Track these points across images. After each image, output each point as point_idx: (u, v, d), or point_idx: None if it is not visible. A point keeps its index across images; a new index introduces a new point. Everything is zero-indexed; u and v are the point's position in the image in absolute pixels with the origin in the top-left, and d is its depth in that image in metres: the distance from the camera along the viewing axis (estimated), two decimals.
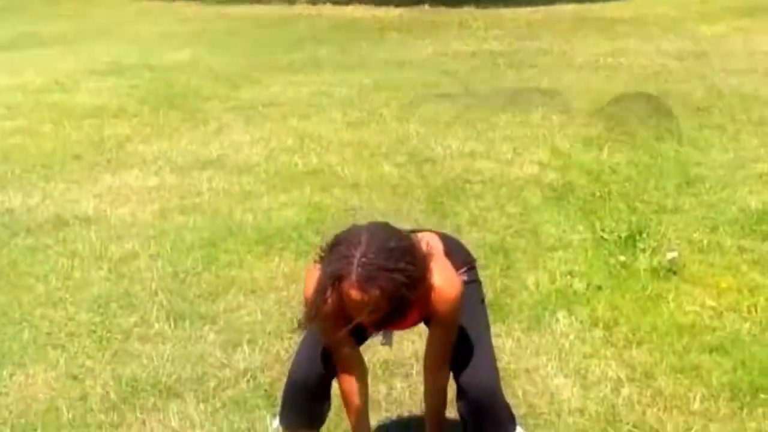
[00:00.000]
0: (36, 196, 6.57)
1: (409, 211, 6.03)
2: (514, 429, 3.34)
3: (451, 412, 3.34)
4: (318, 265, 2.85)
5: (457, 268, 3.12)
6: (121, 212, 6.22)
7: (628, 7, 15.03)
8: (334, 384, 3.23)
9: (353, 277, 2.68)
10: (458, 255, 3.23)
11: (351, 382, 3.14)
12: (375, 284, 2.69)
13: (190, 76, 10.52)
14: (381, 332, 3.16)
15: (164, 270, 5.29)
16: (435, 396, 3.21)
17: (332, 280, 2.73)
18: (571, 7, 14.89)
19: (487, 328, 3.34)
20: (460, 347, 3.11)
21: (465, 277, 3.17)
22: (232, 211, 6.15)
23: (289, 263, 5.31)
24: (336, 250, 2.75)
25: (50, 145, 7.81)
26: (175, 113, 8.75)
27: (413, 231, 3.31)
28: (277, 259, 5.38)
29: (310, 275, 2.94)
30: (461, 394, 3.21)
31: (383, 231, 2.83)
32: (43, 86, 10.24)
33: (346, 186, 6.53)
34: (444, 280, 2.94)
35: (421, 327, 3.26)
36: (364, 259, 2.68)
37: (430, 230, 3.41)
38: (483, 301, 3.38)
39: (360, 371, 3.17)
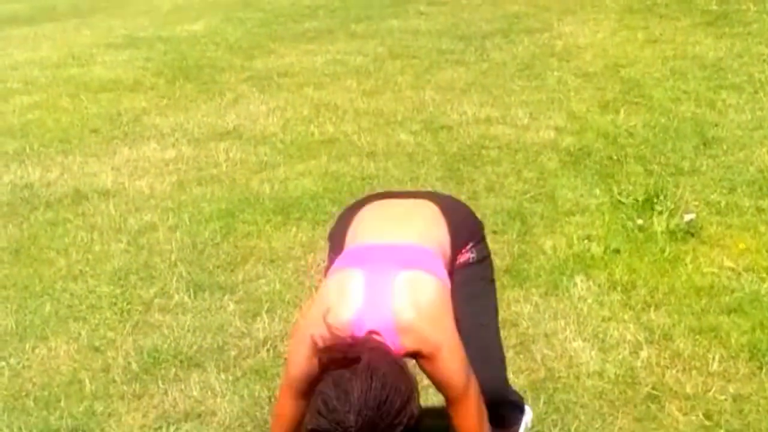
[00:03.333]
0: (54, 170, 6.61)
1: (426, 178, 6.03)
2: (522, 417, 3.33)
3: None
4: (304, 334, 2.64)
5: (461, 246, 3.01)
6: (139, 185, 6.25)
7: None
8: None
9: None
10: (462, 230, 3.06)
11: None
12: None
13: (204, 48, 10.51)
14: None
15: (183, 241, 5.32)
16: None
17: None
18: None
19: (496, 312, 3.20)
20: (466, 335, 2.84)
21: (471, 255, 3.05)
22: (250, 182, 6.17)
23: (307, 232, 5.33)
24: (326, 399, 2.39)
25: (68, 120, 7.84)
26: (190, 85, 8.76)
27: (412, 193, 3.19)
28: (294, 228, 5.40)
29: (295, 342, 2.77)
30: None
31: (378, 379, 2.40)
32: (59, 61, 10.27)
33: (362, 154, 6.54)
34: (451, 371, 2.70)
35: None
36: (360, 421, 2.35)
37: (431, 192, 3.28)
38: (492, 280, 3.21)
39: None
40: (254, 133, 7.19)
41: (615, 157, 6.20)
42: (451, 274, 2.90)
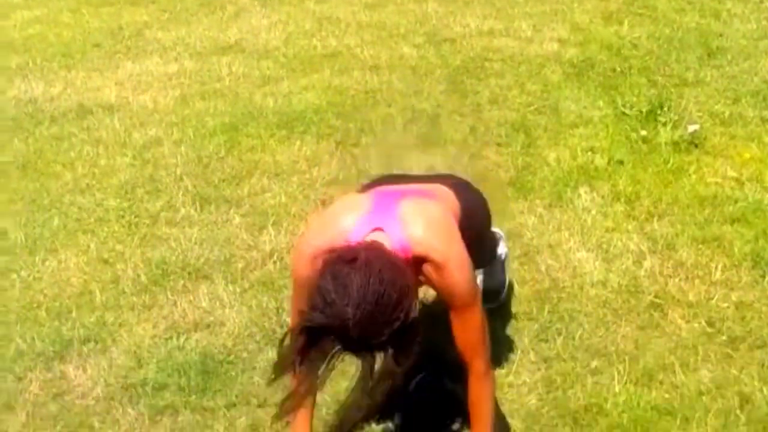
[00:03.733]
0: (58, 85, 6.59)
1: (429, 91, 6.02)
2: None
3: None
4: (306, 240, 2.82)
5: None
6: (142, 99, 6.24)
7: None
8: None
9: (351, 333, 2.38)
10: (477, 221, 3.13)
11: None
12: (376, 335, 2.41)
13: None
14: None
15: (188, 155, 5.34)
16: (478, 405, 2.82)
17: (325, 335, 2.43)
18: None
19: None
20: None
21: None
22: (253, 96, 6.16)
23: (311, 146, 5.35)
24: (324, 293, 2.41)
25: (69, 34, 7.79)
26: None
27: (424, 177, 3.26)
28: (299, 142, 5.41)
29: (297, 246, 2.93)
30: None
31: (375, 275, 2.41)
32: None
33: (365, 68, 6.51)
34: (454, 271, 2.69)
35: None
36: (359, 314, 2.36)
37: (449, 177, 3.27)
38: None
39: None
40: (257, 47, 7.15)
41: (619, 69, 6.18)
42: None
